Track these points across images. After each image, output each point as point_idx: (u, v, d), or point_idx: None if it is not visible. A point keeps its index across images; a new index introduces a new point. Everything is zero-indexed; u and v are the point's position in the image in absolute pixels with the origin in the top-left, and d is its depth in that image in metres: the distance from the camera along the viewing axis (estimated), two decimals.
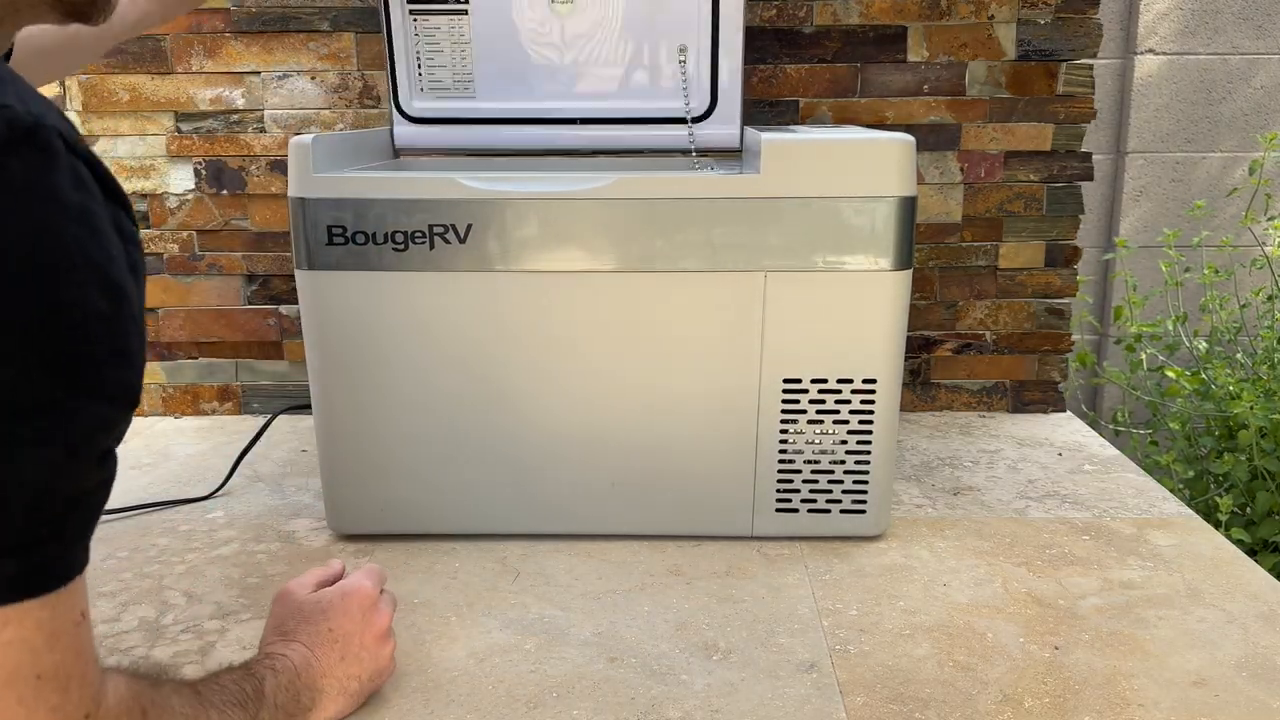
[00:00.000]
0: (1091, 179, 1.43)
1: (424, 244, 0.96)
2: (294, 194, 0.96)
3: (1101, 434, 1.41)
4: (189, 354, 1.49)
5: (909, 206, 0.95)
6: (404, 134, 1.25)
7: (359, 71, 1.40)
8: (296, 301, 1.33)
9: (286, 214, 1.25)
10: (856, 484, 1.02)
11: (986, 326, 1.47)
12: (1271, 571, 0.99)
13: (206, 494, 1.19)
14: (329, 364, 1.00)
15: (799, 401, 1.00)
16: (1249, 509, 1.57)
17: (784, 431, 1.01)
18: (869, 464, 1.01)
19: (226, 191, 1.43)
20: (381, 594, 0.78)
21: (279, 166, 1.42)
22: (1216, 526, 1.30)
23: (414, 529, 1.05)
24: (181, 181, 1.43)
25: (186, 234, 1.45)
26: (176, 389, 1.50)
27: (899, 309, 0.98)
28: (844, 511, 1.03)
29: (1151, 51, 2.02)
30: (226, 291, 1.47)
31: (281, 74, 1.40)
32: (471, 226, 0.96)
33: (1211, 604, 0.92)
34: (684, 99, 1.19)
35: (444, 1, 1.17)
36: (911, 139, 0.95)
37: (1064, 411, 1.49)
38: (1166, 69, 2.02)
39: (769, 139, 0.95)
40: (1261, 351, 1.77)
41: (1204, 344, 1.83)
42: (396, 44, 1.20)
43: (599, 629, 0.88)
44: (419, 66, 1.21)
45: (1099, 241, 2.11)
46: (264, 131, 1.42)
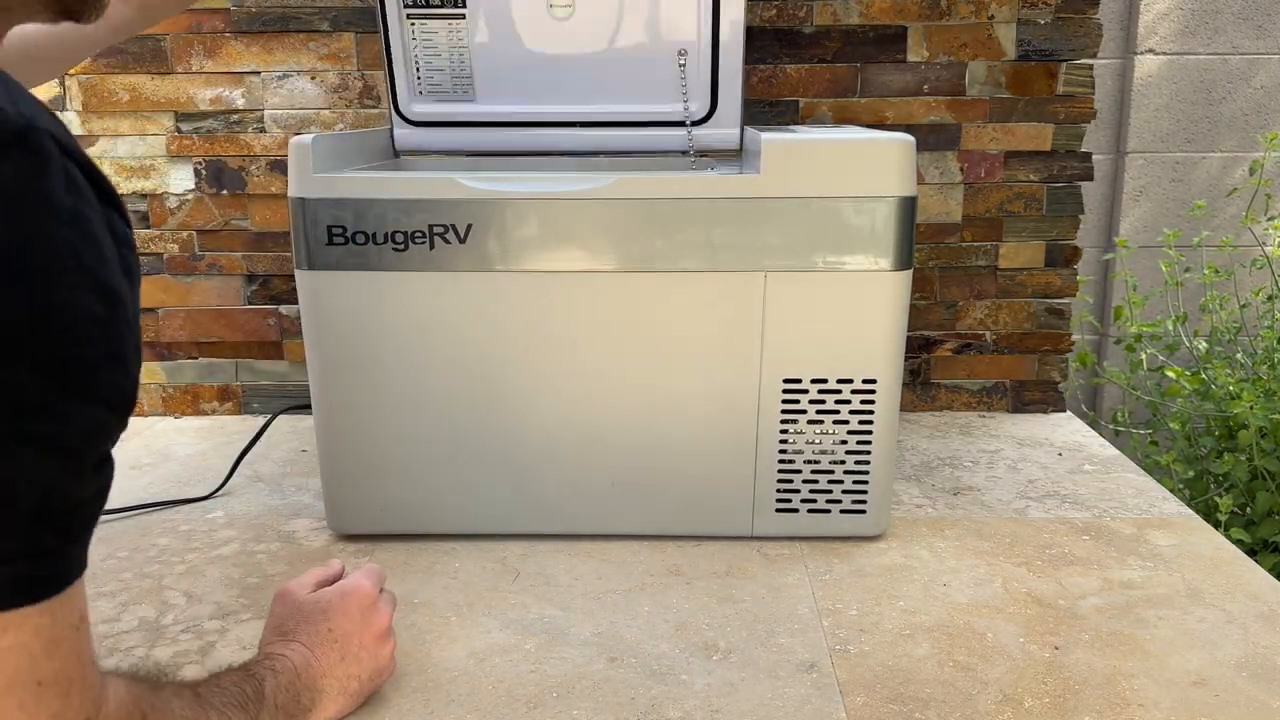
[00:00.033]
0: (1091, 179, 1.43)
1: (424, 244, 0.96)
2: (294, 194, 0.96)
3: (1101, 434, 1.41)
4: (189, 354, 1.49)
5: (909, 206, 0.95)
6: (404, 136, 1.25)
7: (359, 71, 1.40)
8: (296, 301, 1.33)
9: (286, 214, 1.25)
10: (856, 484, 1.02)
11: (986, 326, 1.47)
12: (1271, 571, 0.99)
13: (206, 494, 1.19)
14: (329, 364, 1.00)
15: (799, 401, 1.00)
16: (1249, 509, 1.57)
17: (784, 431, 1.01)
18: (869, 464, 1.01)
19: (226, 191, 1.43)
20: (381, 593, 0.78)
21: (279, 166, 1.42)
22: (1216, 526, 1.30)
23: (414, 529, 1.05)
24: (181, 181, 1.43)
25: (186, 234, 1.45)
26: (176, 389, 1.50)
27: (899, 309, 0.98)
28: (844, 511, 1.03)
29: (1151, 51, 2.02)
30: (226, 291, 1.47)
31: (281, 74, 1.40)
32: (471, 226, 0.96)
33: (1211, 604, 0.92)
34: (683, 103, 1.19)
35: (441, 5, 1.16)
36: (911, 139, 0.95)
37: (1064, 411, 1.49)
38: (1166, 69, 2.02)
39: (769, 139, 0.95)
40: (1261, 351, 1.77)
41: (1204, 344, 1.83)
42: (394, 47, 1.20)
43: (599, 629, 0.88)
44: (417, 70, 1.20)
45: (1099, 241, 2.11)
46: (264, 131, 1.42)
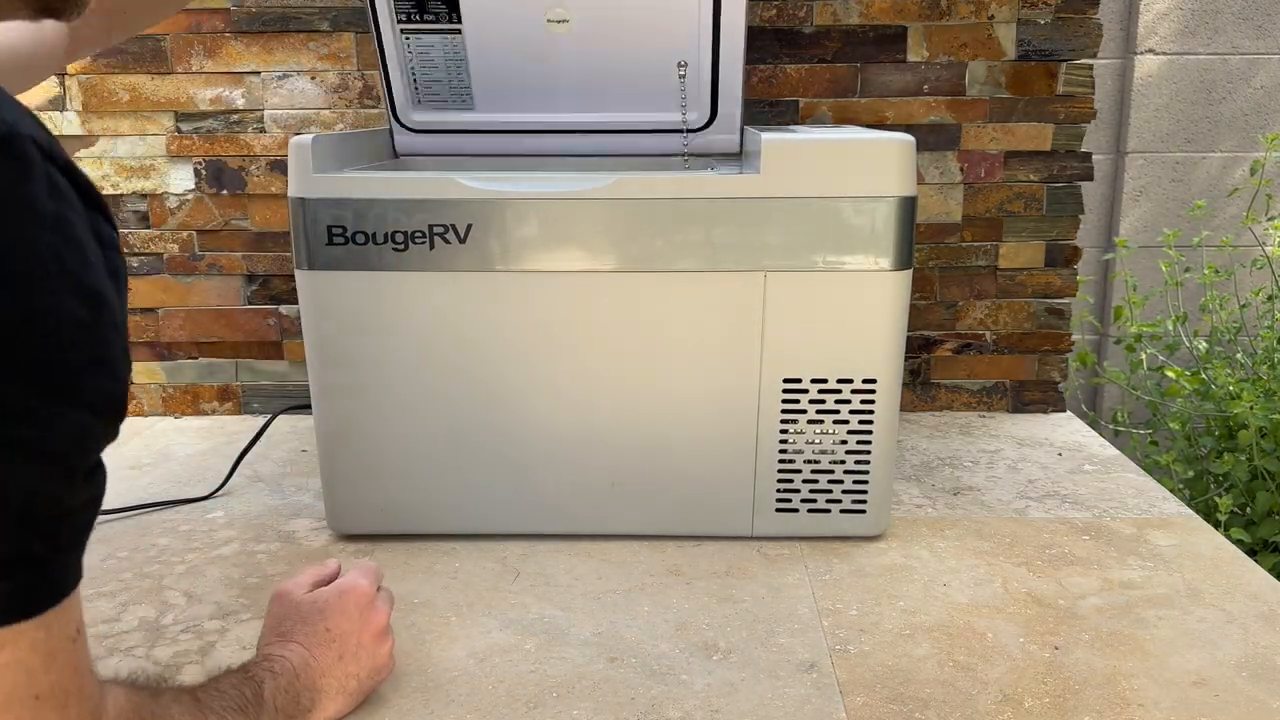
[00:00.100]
0: (1091, 179, 1.43)
1: (424, 244, 0.96)
2: (294, 194, 0.96)
3: (1101, 434, 1.41)
4: (189, 354, 1.49)
5: (909, 206, 0.95)
6: (403, 142, 1.25)
7: (359, 71, 1.40)
8: (296, 301, 1.32)
9: (286, 214, 1.25)
10: (856, 484, 1.02)
11: (986, 326, 1.47)
12: (1271, 571, 0.99)
13: (206, 494, 1.19)
14: (329, 364, 1.00)
15: (799, 401, 1.00)
16: (1249, 509, 1.57)
17: (784, 431, 1.01)
18: (869, 464, 1.01)
19: (226, 191, 1.43)
20: (378, 592, 0.78)
21: (279, 166, 1.42)
22: (1216, 526, 1.30)
23: (414, 529, 1.05)
24: (181, 181, 1.43)
25: (186, 234, 1.45)
26: (176, 389, 1.50)
27: (899, 309, 0.98)
28: (844, 511, 1.03)
29: (1151, 51, 2.02)
30: (226, 291, 1.47)
31: (281, 74, 1.40)
32: (471, 226, 0.96)
33: (1211, 604, 0.91)
34: (681, 111, 1.18)
35: (436, 20, 1.15)
36: (911, 139, 0.95)
37: (1064, 411, 1.49)
38: (1166, 69, 2.02)
39: (769, 139, 0.95)
40: (1261, 351, 1.77)
41: (1204, 344, 1.83)
42: (390, 60, 1.19)
43: (599, 629, 0.88)
44: (414, 81, 1.19)
45: (1099, 241, 2.11)
46: (264, 131, 1.42)
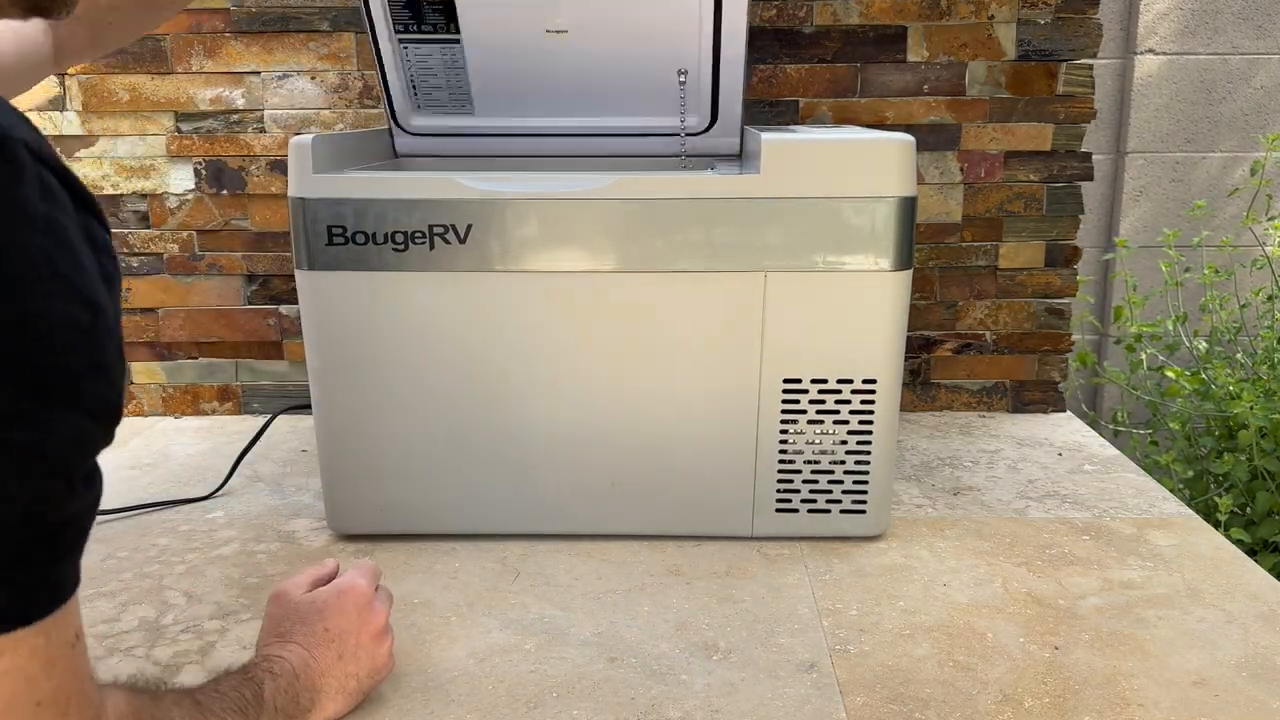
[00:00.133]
0: (1091, 179, 1.43)
1: (424, 244, 0.96)
2: (294, 194, 0.96)
3: (1101, 434, 1.41)
4: (189, 354, 1.49)
5: (909, 206, 0.95)
6: (404, 144, 1.26)
7: (359, 71, 1.40)
8: (296, 301, 1.32)
9: (286, 214, 1.25)
10: (856, 484, 1.02)
11: (986, 326, 1.47)
12: (1271, 571, 0.99)
13: (206, 494, 1.19)
14: (329, 364, 1.00)
15: (799, 401, 1.00)
16: (1249, 509, 1.57)
17: (784, 431, 1.01)
18: (869, 464, 1.01)
19: (226, 191, 1.43)
20: (377, 591, 0.78)
21: (279, 166, 1.42)
22: (1216, 526, 1.30)
23: (414, 529, 1.05)
24: (181, 181, 1.43)
25: (186, 234, 1.45)
26: (176, 389, 1.50)
27: (899, 309, 0.98)
28: (844, 511, 1.03)
29: (1151, 51, 2.02)
30: (226, 291, 1.47)
31: (281, 74, 1.40)
32: (471, 226, 0.96)
33: (1211, 604, 0.91)
34: (680, 118, 1.18)
35: (434, 30, 1.14)
36: (911, 139, 0.95)
37: (1064, 411, 1.49)
38: (1166, 69, 2.02)
39: (769, 139, 0.95)
40: (1261, 351, 1.77)
41: (1204, 344, 1.83)
42: (388, 68, 1.18)
43: (599, 629, 0.88)
44: (413, 87, 1.19)
45: (1099, 241, 2.11)
46: (264, 131, 1.42)
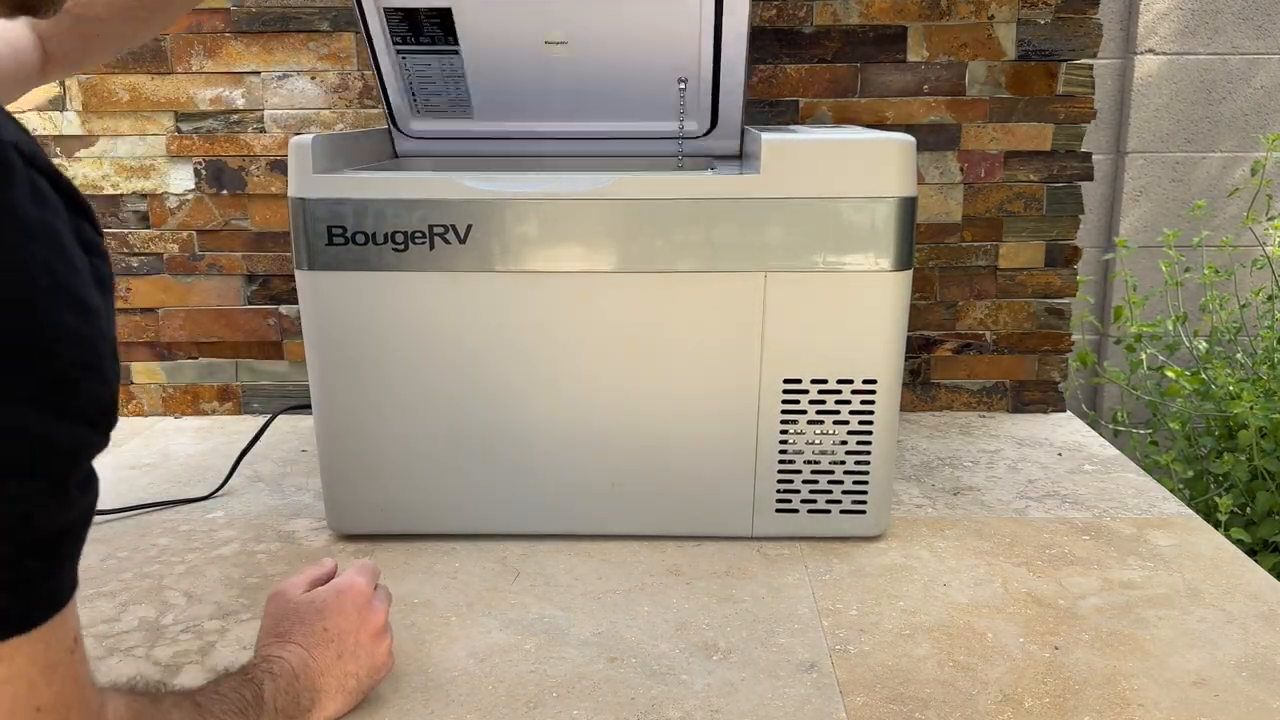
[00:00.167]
0: (1091, 179, 1.43)
1: (424, 244, 0.96)
2: (294, 194, 0.96)
3: (1101, 434, 1.41)
4: (189, 354, 1.49)
5: (909, 206, 0.95)
6: (404, 146, 1.26)
7: (359, 71, 1.40)
8: (296, 301, 1.33)
9: (286, 214, 1.25)
10: (856, 484, 1.02)
11: (986, 326, 1.47)
12: (1271, 571, 0.99)
13: (206, 494, 1.19)
14: (329, 364, 1.00)
15: (799, 402, 1.00)
16: (1249, 509, 1.57)
17: (784, 431, 1.01)
18: (869, 464, 1.01)
19: (226, 191, 1.43)
20: (375, 590, 0.78)
21: (279, 166, 1.42)
22: (1216, 526, 1.30)
23: (414, 529, 1.05)
24: (181, 181, 1.43)
25: (186, 234, 1.45)
26: (176, 389, 1.50)
27: (899, 309, 0.98)
28: (844, 512, 1.03)
29: (1151, 51, 2.02)
30: (226, 291, 1.47)
31: (281, 74, 1.40)
32: (471, 226, 0.96)
33: (1211, 604, 0.91)
34: (679, 123, 1.18)
35: (432, 42, 1.14)
36: (911, 139, 0.95)
37: (1064, 411, 1.49)
38: (1166, 69, 2.02)
39: (769, 139, 0.95)
40: (1261, 351, 1.77)
41: (1204, 344, 1.83)
42: (387, 77, 1.18)
43: (599, 629, 0.88)
44: (412, 94, 1.19)
45: (1099, 241, 2.11)
46: (264, 131, 1.42)
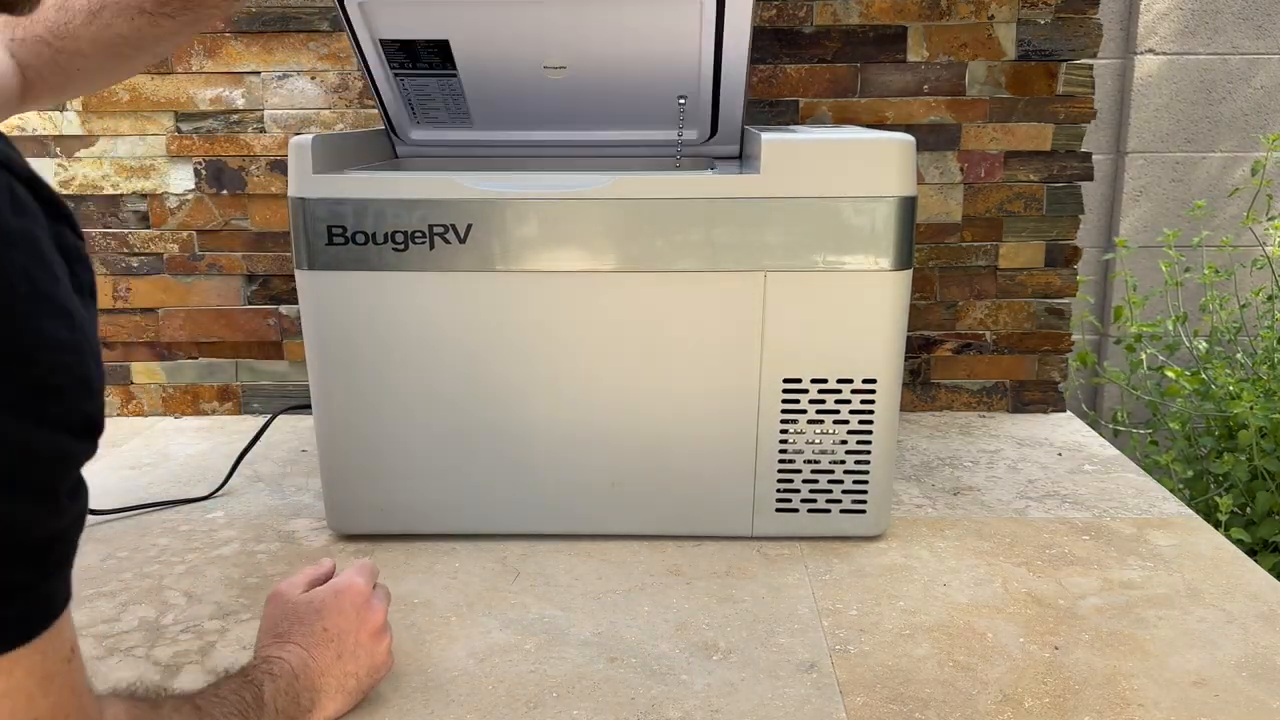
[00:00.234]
0: (1091, 179, 1.43)
1: (424, 244, 0.96)
2: (294, 194, 0.96)
3: (1101, 434, 1.41)
4: (189, 354, 1.49)
5: (909, 206, 0.95)
6: (404, 151, 1.26)
7: (359, 71, 1.40)
8: (296, 301, 1.32)
9: (286, 214, 1.25)
10: (856, 484, 1.02)
11: (986, 326, 1.47)
12: (1271, 571, 0.99)
13: (206, 494, 1.19)
14: (329, 364, 1.00)
15: (799, 401, 1.00)
16: (1249, 509, 1.57)
17: (784, 431, 1.01)
18: (869, 464, 1.01)
19: (226, 191, 1.43)
20: (374, 589, 0.78)
21: (279, 166, 1.42)
22: (1216, 526, 1.30)
23: (414, 529, 1.05)
24: (181, 181, 1.43)
25: (186, 234, 1.45)
26: (176, 389, 1.50)
27: (899, 309, 0.98)
28: (844, 511, 1.03)
29: (1151, 51, 2.02)
30: (226, 291, 1.47)
31: (281, 74, 1.40)
32: (471, 226, 0.96)
33: (1211, 604, 0.91)
34: (678, 132, 1.18)
35: (430, 68, 1.13)
36: (911, 139, 0.95)
37: (1064, 411, 1.49)
38: (1166, 69, 2.02)
39: (769, 139, 0.95)
40: (1261, 351, 1.77)
41: (1204, 344, 1.83)
42: (384, 95, 1.17)
43: (599, 629, 0.88)
44: (411, 109, 1.19)
45: (1099, 241, 2.11)
46: (264, 131, 1.42)
